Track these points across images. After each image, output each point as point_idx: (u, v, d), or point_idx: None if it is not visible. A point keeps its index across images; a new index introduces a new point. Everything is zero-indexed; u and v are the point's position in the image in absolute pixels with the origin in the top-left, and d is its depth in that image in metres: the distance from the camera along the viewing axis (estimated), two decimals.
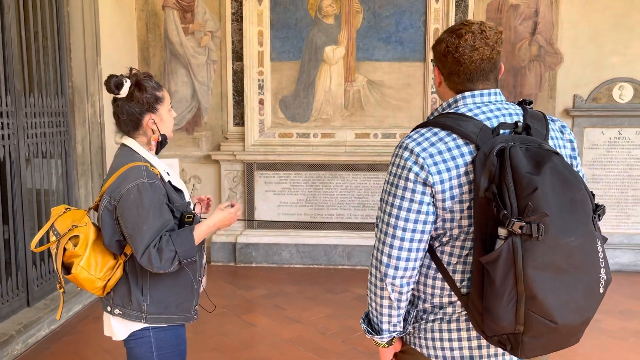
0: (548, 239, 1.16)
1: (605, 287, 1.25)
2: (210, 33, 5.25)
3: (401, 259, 1.33)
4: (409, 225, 1.32)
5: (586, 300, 1.23)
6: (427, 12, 5.04)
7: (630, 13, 4.93)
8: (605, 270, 1.25)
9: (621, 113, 4.99)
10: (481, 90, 1.41)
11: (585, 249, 1.21)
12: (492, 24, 1.42)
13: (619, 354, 3.42)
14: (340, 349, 3.49)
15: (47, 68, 4.08)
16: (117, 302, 1.83)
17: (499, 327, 1.22)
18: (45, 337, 3.66)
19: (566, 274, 1.19)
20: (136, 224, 1.71)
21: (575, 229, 1.19)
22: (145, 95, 1.83)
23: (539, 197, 1.16)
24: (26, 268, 3.73)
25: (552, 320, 1.20)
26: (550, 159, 1.22)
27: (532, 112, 1.41)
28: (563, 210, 1.18)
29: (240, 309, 4.19)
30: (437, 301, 1.39)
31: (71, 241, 1.73)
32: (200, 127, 5.36)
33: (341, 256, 5.21)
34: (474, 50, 1.36)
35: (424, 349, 1.43)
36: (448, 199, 1.31)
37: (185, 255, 1.73)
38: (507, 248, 1.17)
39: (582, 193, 1.22)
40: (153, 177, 1.77)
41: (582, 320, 1.24)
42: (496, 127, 1.32)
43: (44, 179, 4.02)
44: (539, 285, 1.17)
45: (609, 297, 4.33)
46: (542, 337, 1.22)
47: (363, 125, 5.23)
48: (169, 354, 1.88)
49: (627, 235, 5.10)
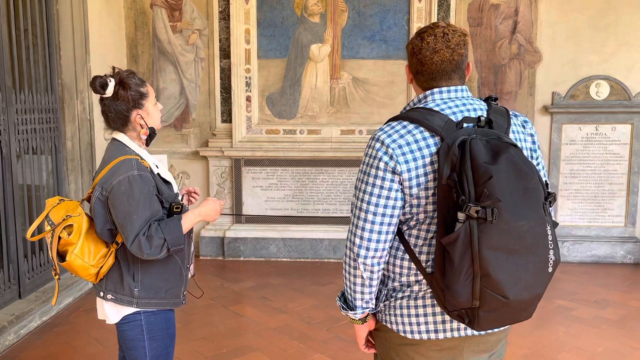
0: (501, 222, 1.28)
1: (553, 267, 1.38)
2: (198, 31, 5.34)
3: (372, 240, 1.45)
4: (379, 209, 1.44)
5: (536, 279, 1.35)
6: (411, 11, 5.17)
7: (607, 13, 5.09)
8: (554, 251, 1.37)
9: (598, 110, 5.16)
10: (448, 87, 1.53)
11: (536, 232, 1.33)
12: (458, 27, 1.54)
13: (591, 340, 3.58)
14: (325, 337, 3.61)
15: (37, 65, 4.15)
16: (110, 287, 1.93)
17: (458, 302, 1.34)
18: (37, 328, 3.75)
19: (517, 255, 1.31)
20: (127, 214, 1.81)
21: (526, 214, 1.31)
22: (130, 93, 1.93)
23: (493, 184, 1.27)
24: (17, 261, 3.81)
25: (504, 295, 1.31)
26: (507, 150, 1.34)
27: (495, 107, 1.53)
28: (515, 196, 1.30)
29: (228, 300, 4.30)
30: (405, 280, 1.51)
31: (65, 230, 1.83)
32: (188, 124, 5.45)
33: (327, 250, 5.33)
34: (434, 53, 1.49)
35: (394, 325, 1.55)
36: (414, 186, 1.43)
37: (173, 242, 1.84)
38: (465, 230, 1.29)
39: (534, 182, 1.34)
40: (143, 169, 1.87)
41: (532, 296, 1.36)
42: (460, 121, 1.44)
43: (34, 175, 4.10)
44: (493, 264, 1.29)
45: (584, 287, 4.53)
46: (496, 311, 1.34)
47: (348, 121, 5.35)
48: (159, 337, 1.99)
49: (604, 228, 5.27)
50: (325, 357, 3.33)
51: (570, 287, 4.55)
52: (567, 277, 4.79)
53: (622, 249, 5.24)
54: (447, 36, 1.49)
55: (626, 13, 5.07)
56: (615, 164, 5.23)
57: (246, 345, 3.49)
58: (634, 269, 5.09)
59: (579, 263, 5.19)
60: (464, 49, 1.52)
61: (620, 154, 5.21)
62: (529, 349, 3.42)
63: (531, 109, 5.23)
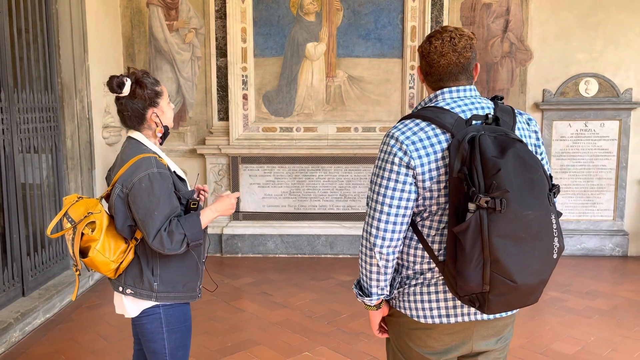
0: (509, 211, 1.38)
1: (558, 254, 1.48)
2: (195, 30, 5.38)
3: (387, 230, 1.55)
4: (394, 202, 1.54)
5: (541, 264, 1.46)
6: (405, 10, 5.25)
7: (595, 12, 5.22)
8: (559, 239, 1.48)
9: (587, 106, 5.29)
10: (462, 86, 1.62)
11: (541, 221, 1.43)
12: (466, 31, 1.63)
13: (583, 330, 3.70)
14: (326, 330, 3.70)
15: (37, 65, 4.18)
16: (129, 282, 1.99)
17: (469, 287, 1.44)
18: (41, 324, 3.79)
19: (524, 242, 1.41)
20: (148, 210, 1.87)
21: (532, 204, 1.41)
22: (146, 92, 2.00)
23: (501, 176, 1.37)
24: (21, 259, 3.84)
25: (512, 280, 1.41)
26: (514, 145, 1.44)
27: (502, 106, 1.63)
28: (522, 188, 1.40)
29: (229, 296, 4.37)
30: (419, 268, 1.61)
31: (88, 227, 1.89)
32: (185, 122, 5.49)
33: (324, 245, 5.41)
34: (441, 56, 1.59)
35: (407, 311, 1.64)
36: (427, 180, 1.53)
37: (193, 237, 1.91)
38: (475, 219, 1.39)
39: (539, 174, 1.44)
40: (162, 167, 1.94)
41: (539, 281, 1.46)
42: (469, 119, 1.53)
43: (34, 173, 4.13)
44: (501, 251, 1.39)
45: (576, 279, 4.67)
46: (505, 295, 1.44)
47: (344, 119, 5.43)
48: (177, 329, 2.05)
49: (593, 221, 5.41)
50: (328, 350, 3.42)
51: (562, 279, 4.68)
52: (559, 269, 4.92)
53: (611, 242, 5.38)
54: (454, 40, 1.58)
55: (614, 12, 5.20)
56: (604, 159, 5.37)
57: (250, 339, 3.57)
58: (622, 261, 5.24)
59: (569, 256, 5.33)
60: (471, 52, 1.61)
61: (608, 149, 5.35)
62: (525, 338, 3.53)
63: (522, 106, 5.34)
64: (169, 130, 2.11)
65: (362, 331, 3.67)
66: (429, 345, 1.64)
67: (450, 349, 1.64)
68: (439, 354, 1.65)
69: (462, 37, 1.60)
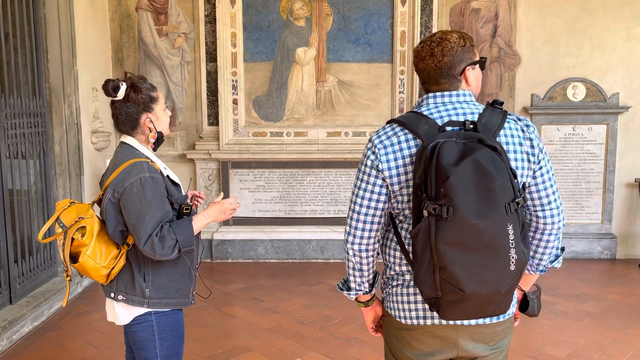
0: (456, 220, 1.37)
1: (516, 265, 1.43)
2: (184, 35, 5.36)
3: (357, 229, 1.61)
4: (364, 202, 1.59)
5: (496, 275, 1.42)
6: (394, 15, 5.28)
7: (582, 17, 5.28)
8: (516, 250, 1.42)
9: (575, 111, 5.34)
10: (442, 91, 1.62)
11: (494, 231, 1.40)
12: (452, 36, 1.60)
13: (574, 333, 3.72)
14: (318, 336, 3.68)
15: (25, 69, 4.13)
16: (121, 288, 1.97)
17: (425, 291, 1.47)
18: (29, 333, 3.73)
19: (474, 251, 1.39)
20: (139, 215, 1.86)
21: (484, 213, 1.38)
22: (140, 96, 1.98)
23: (450, 184, 1.37)
24: (8, 266, 3.79)
25: (460, 288, 1.41)
26: (477, 152, 1.42)
27: (492, 110, 1.60)
28: (474, 196, 1.38)
29: (219, 302, 4.34)
30: (398, 269, 1.65)
31: (79, 232, 1.87)
32: (175, 127, 5.46)
33: (315, 250, 5.40)
34: (420, 60, 1.62)
35: (392, 311, 1.68)
36: (395, 183, 1.56)
37: (185, 243, 1.90)
38: (424, 226, 1.41)
39: (497, 183, 1.40)
40: (154, 171, 1.92)
41: (491, 292, 1.43)
42: (442, 125, 1.53)
43: (22, 179, 4.08)
44: (448, 258, 1.39)
45: (566, 282, 4.69)
46: (457, 303, 1.44)
47: (334, 124, 5.44)
48: (169, 337, 2.03)
49: (581, 225, 5.46)
50: (320, 355, 3.40)
51: (552, 283, 4.71)
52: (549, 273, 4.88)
53: (599, 245, 5.43)
54: (432, 44, 1.59)
55: (601, 17, 5.26)
56: (592, 163, 5.42)
57: (241, 346, 3.54)
58: (610, 264, 5.28)
59: None
60: (451, 56, 1.59)
61: (596, 153, 5.40)
62: (517, 342, 3.54)
63: (511, 110, 5.38)
64: (163, 137, 2.09)
65: (354, 336, 3.66)
66: (414, 346, 1.65)
67: (435, 352, 1.65)
68: (424, 355, 1.65)
69: (442, 41, 1.59)
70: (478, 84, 1.68)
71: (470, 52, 1.63)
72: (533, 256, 1.70)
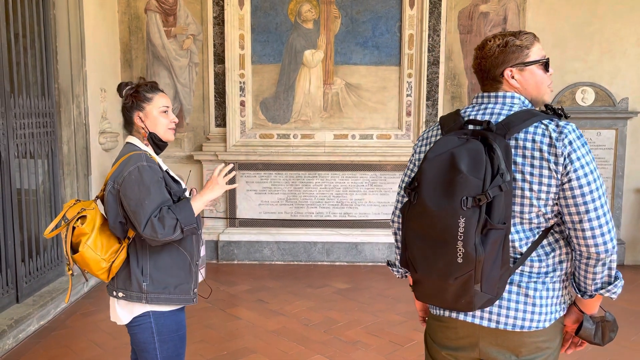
0: (419, 205, 1.50)
1: (464, 259, 1.42)
2: (193, 36, 5.38)
3: (394, 207, 1.85)
4: (401, 185, 1.79)
5: (443, 265, 1.47)
6: (402, 18, 5.27)
7: (591, 21, 5.25)
8: (464, 244, 1.41)
9: (583, 115, 5.31)
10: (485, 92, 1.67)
11: (446, 222, 1.44)
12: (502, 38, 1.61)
13: None
14: (323, 339, 3.68)
15: (34, 70, 4.16)
16: (120, 285, 1.98)
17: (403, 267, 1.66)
18: (35, 332, 3.75)
19: (429, 238, 1.49)
20: (138, 200, 1.88)
21: (439, 202, 1.45)
22: (135, 95, 2.06)
23: (420, 172, 1.51)
24: (15, 265, 3.81)
25: (415, 268, 1.56)
26: (462, 146, 1.47)
27: (526, 112, 1.54)
28: (439, 186, 1.46)
29: (225, 303, 4.34)
30: None
31: (80, 221, 1.89)
32: (182, 128, 5.48)
33: (320, 253, 5.40)
34: (473, 61, 1.72)
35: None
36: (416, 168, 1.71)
37: (186, 221, 1.89)
38: (403, 207, 1.59)
39: (462, 176, 1.42)
40: (152, 162, 1.96)
41: (440, 279, 1.50)
42: (464, 123, 1.58)
43: (30, 179, 4.10)
44: (410, 238, 1.56)
45: None
46: (416, 283, 1.61)
47: (341, 126, 5.44)
48: (169, 339, 2.03)
49: None
50: (325, 358, 3.39)
51: None
52: None
53: None
54: (479, 48, 1.67)
55: (610, 21, 5.23)
56: (601, 168, 5.37)
57: (246, 348, 3.54)
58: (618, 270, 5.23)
59: None
60: (489, 59, 1.61)
61: (605, 158, 5.36)
62: None
63: None
64: (158, 139, 2.08)
65: (359, 340, 3.65)
66: (440, 337, 1.69)
67: (459, 349, 1.65)
68: (448, 349, 1.67)
69: (484, 43, 1.65)
70: (529, 85, 1.62)
71: (517, 53, 1.60)
72: (578, 279, 1.62)
